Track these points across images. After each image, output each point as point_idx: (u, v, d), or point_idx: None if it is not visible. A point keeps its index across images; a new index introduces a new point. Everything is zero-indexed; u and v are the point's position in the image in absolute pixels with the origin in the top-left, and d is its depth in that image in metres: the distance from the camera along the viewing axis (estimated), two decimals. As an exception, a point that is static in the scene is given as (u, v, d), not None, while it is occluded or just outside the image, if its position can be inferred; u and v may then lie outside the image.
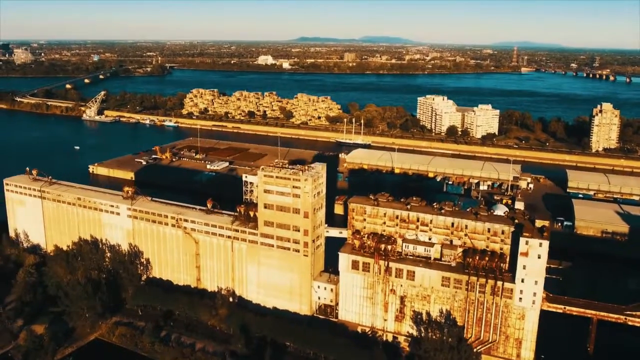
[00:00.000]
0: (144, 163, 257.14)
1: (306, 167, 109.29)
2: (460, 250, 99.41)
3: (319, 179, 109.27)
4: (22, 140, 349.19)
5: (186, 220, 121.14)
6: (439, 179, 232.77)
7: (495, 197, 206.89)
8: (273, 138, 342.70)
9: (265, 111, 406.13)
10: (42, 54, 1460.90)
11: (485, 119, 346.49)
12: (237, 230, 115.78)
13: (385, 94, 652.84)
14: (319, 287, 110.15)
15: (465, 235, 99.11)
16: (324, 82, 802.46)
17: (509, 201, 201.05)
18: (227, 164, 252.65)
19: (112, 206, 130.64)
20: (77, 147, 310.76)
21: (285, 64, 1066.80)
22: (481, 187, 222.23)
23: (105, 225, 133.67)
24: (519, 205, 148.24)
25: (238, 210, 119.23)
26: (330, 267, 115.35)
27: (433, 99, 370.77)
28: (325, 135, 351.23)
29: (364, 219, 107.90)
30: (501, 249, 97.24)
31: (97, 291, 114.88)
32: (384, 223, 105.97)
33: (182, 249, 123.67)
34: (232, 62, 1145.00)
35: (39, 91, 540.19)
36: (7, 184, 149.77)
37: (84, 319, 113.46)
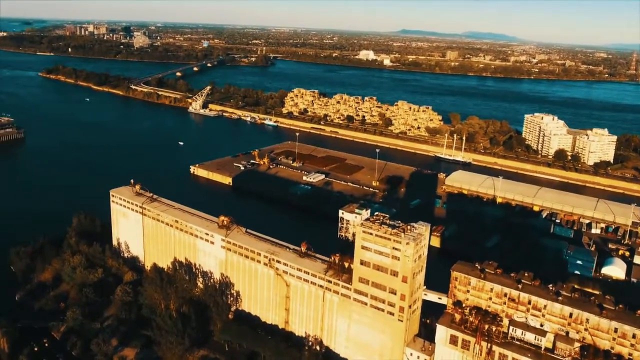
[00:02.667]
0: (242, 168, 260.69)
1: (408, 227, 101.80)
2: (577, 345, 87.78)
3: (422, 241, 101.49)
4: (134, 128, 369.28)
5: (279, 262, 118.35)
6: (545, 214, 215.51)
7: (610, 246, 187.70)
8: (370, 147, 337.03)
9: (364, 116, 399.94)
10: (158, 38, 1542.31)
11: (599, 145, 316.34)
12: (329, 281, 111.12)
13: (486, 100, 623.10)
14: (411, 354, 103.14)
15: (586, 330, 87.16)
16: (423, 83, 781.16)
17: (627, 253, 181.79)
18: (322, 176, 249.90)
19: (207, 234, 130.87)
20: (181, 143, 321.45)
21: (386, 61, 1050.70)
22: (593, 230, 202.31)
23: (200, 252, 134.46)
24: None
25: (332, 258, 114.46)
26: (424, 327, 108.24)
27: (542, 118, 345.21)
28: (424, 148, 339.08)
29: (468, 291, 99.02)
30: (630, 355, 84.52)
31: (186, 326, 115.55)
32: (490, 299, 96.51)
33: (272, 288, 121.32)
34: (333, 55, 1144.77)
35: (152, 79, 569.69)
36: (113, 196, 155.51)
37: (172, 351, 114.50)
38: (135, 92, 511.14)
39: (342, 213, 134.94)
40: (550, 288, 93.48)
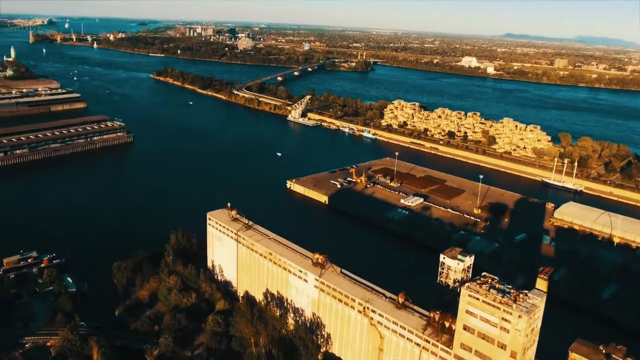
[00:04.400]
0: (339, 186, 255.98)
1: (521, 296, 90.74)
2: None
3: (536, 313, 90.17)
4: (235, 136, 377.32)
5: (373, 312, 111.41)
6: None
7: None
8: (471, 166, 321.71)
9: (466, 132, 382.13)
10: (261, 39, 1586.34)
11: None
12: (427, 341, 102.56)
13: (598, 116, 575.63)
14: None
15: None
16: (528, 94, 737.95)
17: None
18: (421, 200, 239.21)
19: (301, 272, 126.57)
20: (279, 154, 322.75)
21: (490, 69, 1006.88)
22: None
23: (292, 287, 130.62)
24: None
25: (432, 314, 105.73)
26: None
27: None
28: (530, 171, 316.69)
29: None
30: None
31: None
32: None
33: (365, 337, 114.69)
34: (434, 61, 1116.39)
35: (253, 85, 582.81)
36: (209, 219, 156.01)
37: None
38: (237, 97, 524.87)
39: (444, 258, 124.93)
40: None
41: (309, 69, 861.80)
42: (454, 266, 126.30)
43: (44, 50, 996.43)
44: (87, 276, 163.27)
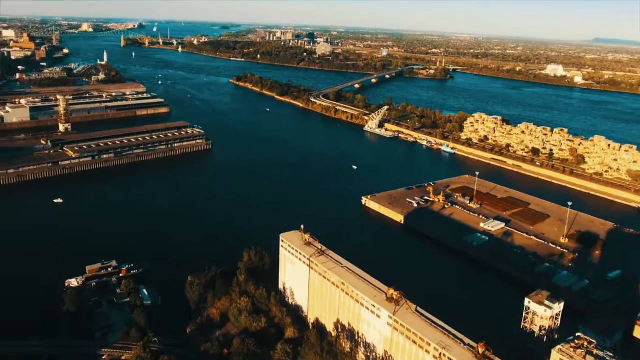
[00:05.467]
0: (415, 205, 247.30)
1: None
2: None
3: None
4: (310, 146, 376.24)
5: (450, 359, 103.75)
6: None
7: None
8: (557, 188, 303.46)
9: (551, 150, 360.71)
10: (339, 44, 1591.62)
11: None
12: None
13: None
14: None
15: None
16: (620, 107, 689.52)
17: None
18: (502, 224, 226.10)
19: (374, 306, 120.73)
20: (355, 167, 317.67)
21: (577, 77, 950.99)
22: None
23: (364, 321, 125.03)
24: None
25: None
26: None
27: None
28: (624, 196, 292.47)
29: None
30: None
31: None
32: None
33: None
34: (516, 69, 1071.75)
35: (330, 92, 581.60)
36: (282, 240, 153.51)
37: None
38: (314, 104, 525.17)
39: (528, 302, 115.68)
40: None
41: (387, 76, 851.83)
42: (540, 312, 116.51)
43: (133, 54, 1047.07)
44: (161, 287, 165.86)
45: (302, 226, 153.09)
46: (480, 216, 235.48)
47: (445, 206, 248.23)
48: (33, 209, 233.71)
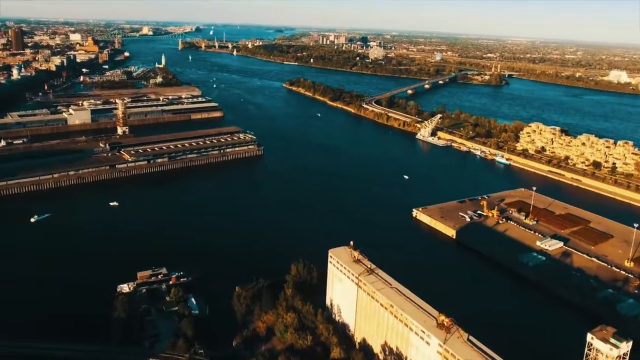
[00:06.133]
0: (468, 219, 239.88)
1: None
2: None
3: None
4: (361, 154, 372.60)
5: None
6: None
7: None
8: (621, 205, 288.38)
9: (614, 164, 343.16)
10: (392, 48, 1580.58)
11: None
12: None
13: None
14: None
15: None
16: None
17: None
18: (561, 243, 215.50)
19: (423, 332, 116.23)
20: (406, 177, 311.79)
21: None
22: None
23: (412, 346, 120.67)
24: None
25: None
26: None
27: None
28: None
29: None
30: None
31: None
32: None
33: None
34: (576, 75, 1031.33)
35: (383, 98, 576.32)
36: (331, 256, 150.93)
37: None
38: (366, 111, 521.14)
39: (592, 338, 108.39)
40: None
41: (440, 82, 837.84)
42: (606, 351, 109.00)
43: (189, 57, 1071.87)
44: (209, 297, 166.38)
45: (351, 243, 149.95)
46: (537, 234, 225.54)
47: (500, 222, 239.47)
48: (90, 211, 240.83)
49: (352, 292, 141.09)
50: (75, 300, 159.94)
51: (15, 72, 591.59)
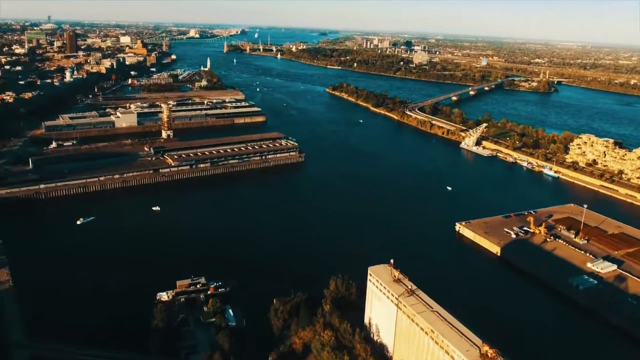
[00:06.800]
0: (513, 236, 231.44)
1: None
2: None
3: None
4: (403, 162, 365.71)
5: None
6: None
7: None
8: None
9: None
10: (437, 52, 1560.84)
11: None
12: None
13: None
14: None
15: None
16: None
17: None
18: (614, 266, 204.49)
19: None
20: (449, 188, 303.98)
21: None
22: None
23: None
24: None
25: None
26: None
27: None
28: None
29: None
30: None
31: None
32: None
33: None
34: (631, 82, 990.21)
35: (426, 105, 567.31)
36: (370, 274, 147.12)
37: None
38: (409, 118, 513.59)
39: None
40: None
41: (486, 88, 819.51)
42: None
43: (234, 61, 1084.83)
44: (246, 309, 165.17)
45: (391, 261, 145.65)
46: (588, 254, 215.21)
47: (548, 240, 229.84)
48: (133, 215, 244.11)
49: (392, 312, 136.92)
50: (115, 305, 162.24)
51: (68, 74, 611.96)
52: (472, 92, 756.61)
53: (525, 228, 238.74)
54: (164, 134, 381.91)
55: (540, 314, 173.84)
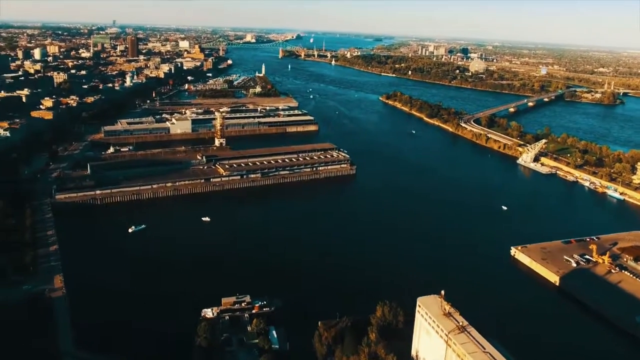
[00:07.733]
0: (574, 265, 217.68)
1: None
2: None
3: None
4: (457, 177, 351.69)
5: None
6: None
7: None
8: None
9: None
10: (494, 60, 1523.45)
11: None
12: None
13: None
14: None
15: None
16: None
17: None
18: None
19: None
20: (505, 208, 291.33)
21: None
22: None
23: None
24: None
25: None
26: None
27: None
28: None
29: None
30: None
31: None
32: None
33: None
34: None
35: (482, 117, 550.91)
36: (419, 306, 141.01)
37: None
38: (464, 130, 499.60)
39: None
40: None
41: (545, 99, 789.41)
42: None
43: (289, 67, 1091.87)
44: (290, 330, 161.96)
45: (442, 292, 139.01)
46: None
47: (612, 270, 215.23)
48: (183, 225, 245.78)
49: (441, 349, 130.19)
50: (160, 318, 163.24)
51: (128, 79, 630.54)
52: (530, 103, 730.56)
53: (587, 256, 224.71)
54: (216, 142, 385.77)
55: (604, 354, 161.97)
